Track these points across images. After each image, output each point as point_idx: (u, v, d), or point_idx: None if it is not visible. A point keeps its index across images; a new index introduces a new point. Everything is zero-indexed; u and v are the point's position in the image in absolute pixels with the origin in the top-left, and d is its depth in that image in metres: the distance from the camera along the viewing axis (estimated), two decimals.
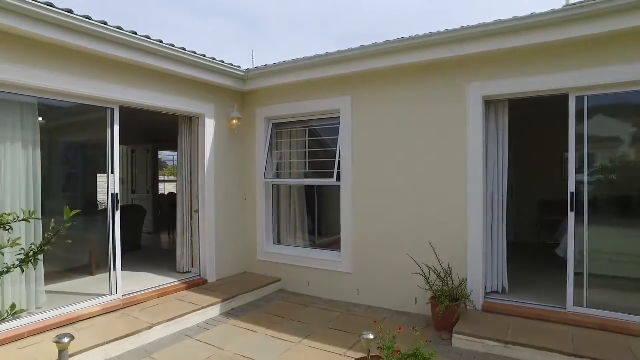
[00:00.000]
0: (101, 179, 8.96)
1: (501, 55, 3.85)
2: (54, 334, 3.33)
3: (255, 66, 5.27)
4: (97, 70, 3.89)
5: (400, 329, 2.86)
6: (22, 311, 2.22)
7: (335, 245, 5.22)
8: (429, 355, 2.60)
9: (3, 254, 1.94)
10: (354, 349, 3.47)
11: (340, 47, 6.14)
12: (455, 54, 3.93)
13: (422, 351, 2.61)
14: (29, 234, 3.56)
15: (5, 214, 1.89)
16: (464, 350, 3.45)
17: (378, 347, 2.70)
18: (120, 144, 4.28)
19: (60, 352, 2.80)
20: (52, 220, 1.86)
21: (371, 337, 2.75)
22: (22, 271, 1.89)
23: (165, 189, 11.76)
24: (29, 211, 1.88)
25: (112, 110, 4.16)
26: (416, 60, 4.14)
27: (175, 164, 13.71)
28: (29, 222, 1.90)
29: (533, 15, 3.49)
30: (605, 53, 3.44)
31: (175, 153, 12.50)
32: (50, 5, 3.26)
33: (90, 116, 4.44)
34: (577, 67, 3.56)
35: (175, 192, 10.48)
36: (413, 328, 3.22)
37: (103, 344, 3.35)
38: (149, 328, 3.70)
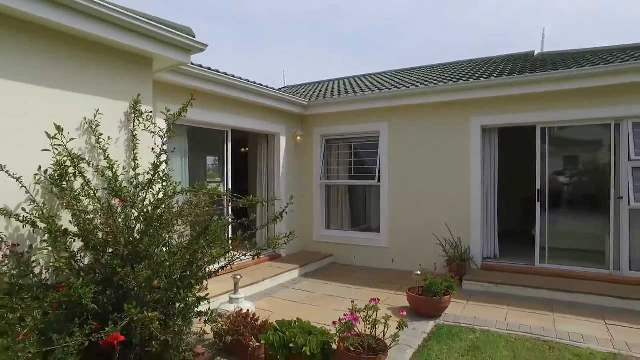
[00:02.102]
0: None
1: (492, 100, 6.02)
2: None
3: (286, 85, 7.34)
4: (219, 105, 5.90)
5: (435, 268, 4.98)
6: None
7: (369, 229, 7.34)
8: (454, 281, 4.74)
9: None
10: (399, 291, 5.56)
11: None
12: (462, 97, 6.10)
13: (449, 279, 4.74)
14: None
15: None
16: (470, 290, 5.58)
17: (424, 280, 4.80)
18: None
19: (235, 284, 4.84)
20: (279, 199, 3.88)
21: (419, 273, 4.88)
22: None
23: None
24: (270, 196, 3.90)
25: (227, 132, 6.18)
26: (436, 100, 6.30)
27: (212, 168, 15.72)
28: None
29: (510, 77, 5.68)
30: (558, 102, 5.65)
31: (214, 158, 14.55)
32: (217, 70, 5.29)
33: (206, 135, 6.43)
34: (541, 109, 5.76)
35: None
36: (444, 266, 5.37)
37: (242, 287, 5.35)
38: (262, 280, 5.73)
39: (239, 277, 4.85)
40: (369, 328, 3.15)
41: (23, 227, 3.13)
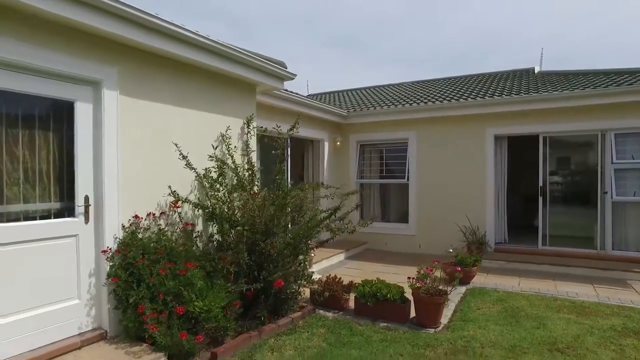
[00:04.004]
0: None
1: (504, 114, 7.56)
2: None
3: (309, 93, 8.80)
4: (284, 117, 7.30)
5: (462, 248, 6.49)
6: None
7: (397, 219, 8.83)
8: (479, 256, 6.26)
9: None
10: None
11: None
12: (479, 112, 7.63)
13: (475, 255, 6.26)
14: None
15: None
16: (487, 266, 7.10)
17: (455, 256, 6.29)
18: None
19: (309, 260, 6.25)
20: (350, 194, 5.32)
21: (451, 250, 6.38)
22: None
23: None
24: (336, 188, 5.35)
25: (288, 139, 7.57)
26: (457, 113, 7.82)
27: None
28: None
29: (518, 96, 7.22)
30: (557, 116, 7.21)
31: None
32: (286, 90, 6.70)
33: None
34: (543, 122, 7.32)
35: None
36: (467, 245, 6.90)
37: None
38: (321, 260, 7.16)
39: (312, 254, 6.27)
40: (431, 282, 4.61)
41: (196, 211, 4.53)
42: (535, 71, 10.05)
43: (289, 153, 7.62)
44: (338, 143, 8.82)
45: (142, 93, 4.06)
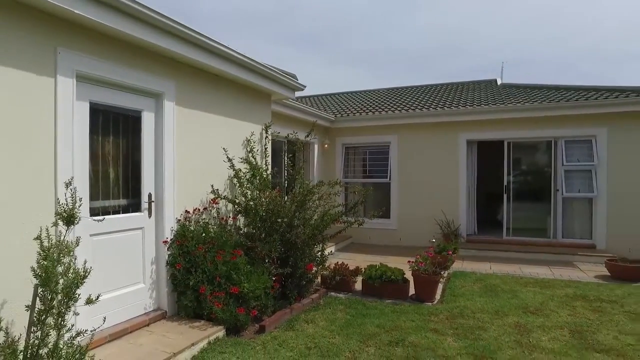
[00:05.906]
0: None
1: (475, 122, 8.85)
2: None
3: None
4: (281, 122, 8.08)
5: (439, 239, 7.65)
6: None
7: (380, 215, 9.92)
8: (457, 245, 7.45)
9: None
10: (412, 257, 8.16)
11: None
12: (453, 119, 8.87)
13: (455, 243, 7.44)
14: None
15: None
16: (461, 254, 8.30)
17: (437, 245, 7.43)
18: None
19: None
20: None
21: (434, 240, 7.53)
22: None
23: None
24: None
25: (284, 141, 8.37)
26: (434, 120, 9.02)
27: None
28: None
29: (487, 107, 8.53)
30: (519, 124, 8.60)
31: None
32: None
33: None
34: (507, 129, 8.68)
35: None
36: (444, 236, 8.10)
37: None
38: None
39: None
40: (427, 265, 5.66)
41: (228, 206, 5.25)
42: (498, 83, 11.56)
43: (285, 154, 8.42)
44: (326, 145, 9.74)
45: (192, 103, 4.74)
